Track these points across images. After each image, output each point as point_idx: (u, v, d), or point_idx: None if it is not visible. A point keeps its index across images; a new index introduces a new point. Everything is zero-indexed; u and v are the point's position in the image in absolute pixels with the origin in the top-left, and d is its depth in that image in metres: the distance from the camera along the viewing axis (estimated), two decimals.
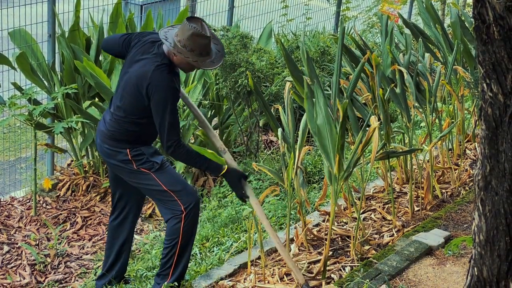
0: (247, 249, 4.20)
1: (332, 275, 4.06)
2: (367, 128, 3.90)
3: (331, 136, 3.79)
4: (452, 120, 5.54)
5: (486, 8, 2.47)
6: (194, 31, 3.86)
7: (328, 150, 3.82)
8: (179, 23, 4.20)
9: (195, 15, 8.64)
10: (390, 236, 4.60)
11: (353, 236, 4.29)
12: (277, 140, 5.02)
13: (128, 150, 4.07)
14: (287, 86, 4.36)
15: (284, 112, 4.25)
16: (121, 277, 4.52)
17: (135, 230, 5.79)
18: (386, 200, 5.10)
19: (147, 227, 5.87)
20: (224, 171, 4.08)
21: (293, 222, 4.81)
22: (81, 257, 5.52)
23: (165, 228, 4.52)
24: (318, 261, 4.20)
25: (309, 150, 6.78)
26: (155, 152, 4.15)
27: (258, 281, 4.02)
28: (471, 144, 6.15)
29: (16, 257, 5.48)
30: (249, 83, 5.70)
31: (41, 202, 6.19)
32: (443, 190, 5.25)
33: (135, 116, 4.04)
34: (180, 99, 4.17)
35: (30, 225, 5.90)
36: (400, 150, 4.68)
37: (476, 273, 2.82)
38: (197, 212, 4.14)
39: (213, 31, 4.02)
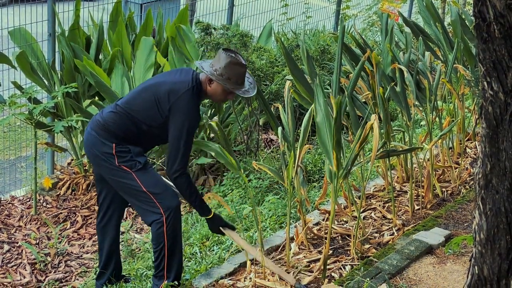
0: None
1: (333, 274, 4.06)
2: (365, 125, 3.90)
3: (330, 133, 3.79)
4: (453, 119, 5.54)
5: (487, 6, 2.46)
6: (232, 60, 3.96)
7: (328, 147, 3.82)
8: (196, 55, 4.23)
9: (195, 16, 8.64)
10: (390, 235, 4.60)
11: (353, 235, 4.28)
12: (277, 138, 5.02)
13: (114, 144, 4.04)
14: (287, 85, 4.35)
15: (284, 110, 4.25)
16: (119, 275, 4.51)
17: (135, 229, 5.79)
18: (386, 199, 5.10)
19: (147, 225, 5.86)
20: (209, 217, 4.10)
21: (293, 221, 4.80)
22: (81, 256, 5.52)
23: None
24: (318, 259, 4.20)
25: (309, 149, 6.79)
26: (139, 152, 4.11)
27: (258, 280, 4.02)
28: (471, 143, 6.14)
29: (16, 256, 5.48)
30: None
31: (41, 201, 6.18)
32: (444, 189, 5.25)
33: (140, 118, 4.04)
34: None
35: (31, 224, 5.90)
36: (400, 149, 4.68)
37: (477, 272, 2.82)
38: (178, 215, 4.10)
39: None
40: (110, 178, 4.15)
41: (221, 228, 4.15)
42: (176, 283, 4.12)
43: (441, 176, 5.44)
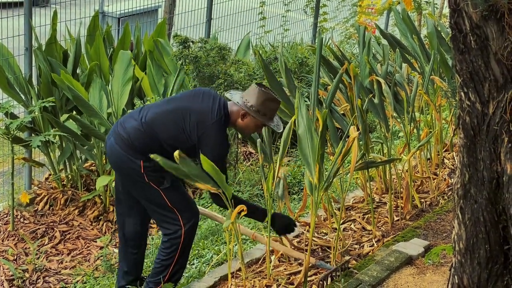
0: (227, 261, 4.19)
1: (313, 286, 4.05)
2: (347, 139, 3.91)
3: (311, 145, 3.79)
4: (430, 130, 5.57)
5: (463, 17, 2.49)
6: (269, 97, 4.02)
7: (309, 159, 3.82)
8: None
9: (172, 29, 8.64)
10: (370, 246, 4.61)
11: (334, 247, 4.29)
12: (256, 152, 5.02)
13: (142, 161, 4.02)
14: None
15: None
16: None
17: (114, 243, 5.75)
18: (365, 210, 5.11)
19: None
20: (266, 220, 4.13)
21: (273, 233, 4.79)
22: (59, 271, 5.47)
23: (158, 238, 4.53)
24: (299, 272, 4.20)
25: (288, 161, 6.79)
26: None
27: None
28: (449, 154, 6.19)
29: None
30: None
31: (18, 216, 6.12)
32: (422, 200, 5.27)
33: (165, 139, 4.01)
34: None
35: (8, 240, 5.84)
36: (379, 160, 4.70)
37: (457, 281, 2.83)
38: (194, 231, 4.20)
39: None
40: (137, 192, 4.17)
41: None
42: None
43: (420, 187, 5.46)
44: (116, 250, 5.57)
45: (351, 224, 4.94)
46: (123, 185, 4.27)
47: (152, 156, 3.82)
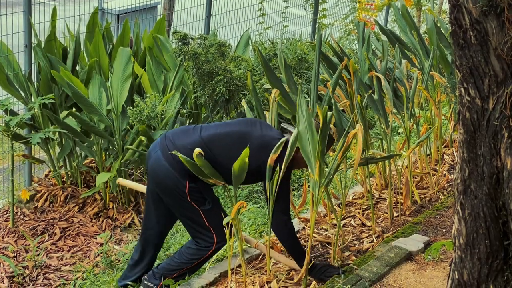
0: (227, 258, 4.19)
1: (313, 282, 4.06)
2: (347, 135, 3.91)
3: (312, 142, 3.79)
4: (430, 126, 5.57)
5: (463, 13, 2.49)
6: (329, 137, 3.96)
7: (310, 156, 3.82)
8: None
9: (172, 26, 8.63)
10: (370, 242, 4.61)
11: (334, 243, 4.29)
12: None
13: (187, 182, 4.00)
14: (273, 95, 4.36)
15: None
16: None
17: (114, 240, 5.76)
18: (365, 206, 5.12)
19: (126, 237, 5.83)
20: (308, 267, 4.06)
21: (273, 236, 4.80)
22: (60, 268, 5.47)
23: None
24: None
25: None
26: (209, 189, 4.12)
27: None
28: (448, 149, 6.19)
29: None
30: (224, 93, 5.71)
31: (18, 213, 6.12)
32: (422, 196, 5.28)
33: (221, 162, 3.97)
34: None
35: (8, 237, 5.84)
36: (379, 156, 4.70)
37: (457, 277, 2.83)
38: (223, 246, 4.24)
39: None
40: (174, 207, 4.17)
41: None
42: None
43: (419, 183, 5.47)
44: (116, 247, 5.58)
45: (350, 220, 4.94)
46: (158, 196, 4.23)
47: (174, 152, 3.84)
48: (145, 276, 4.33)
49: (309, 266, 4.02)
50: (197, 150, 3.81)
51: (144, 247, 4.42)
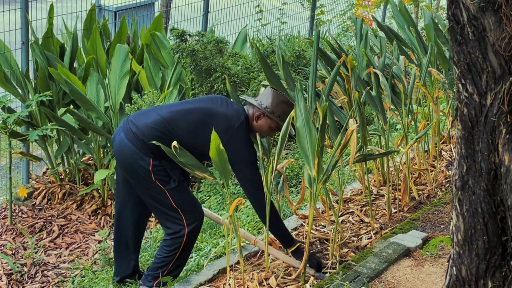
0: (225, 254, 4.19)
1: (311, 278, 4.06)
2: (345, 132, 3.91)
3: (310, 138, 3.79)
4: (428, 122, 5.57)
5: (460, 9, 2.49)
6: (283, 99, 4.10)
7: (308, 152, 3.82)
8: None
9: (169, 22, 8.62)
10: (368, 239, 4.61)
11: (332, 239, 4.29)
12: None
13: (151, 159, 4.01)
14: None
15: None
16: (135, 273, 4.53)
17: (113, 237, 5.76)
18: (363, 203, 5.12)
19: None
20: (293, 248, 4.13)
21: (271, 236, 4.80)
22: (58, 265, 5.47)
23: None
24: None
25: (286, 154, 6.79)
26: (174, 168, 4.08)
27: (238, 286, 4.01)
28: (446, 146, 6.19)
29: None
30: (227, 87, 5.70)
31: (16, 211, 6.12)
32: (420, 192, 5.28)
33: (184, 141, 3.95)
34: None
35: (6, 234, 5.84)
36: (377, 153, 4.70)
37: (455, 273, 2.83)
38: (198, 230, 4.24)
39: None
40: (140, 189, 4.15)
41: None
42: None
43: (418, 179, 5.47)
44: (109, 243, 5.58)
45: (349, 216, 4.95)
46: (127, 181, 4.25)
47: (154, 142, 3.83)
48: (140, 281, 4.34)
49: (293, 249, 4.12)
50: (174, 143, 3.76)
51: (121, 236, 4.41)
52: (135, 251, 4.47)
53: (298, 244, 4.13)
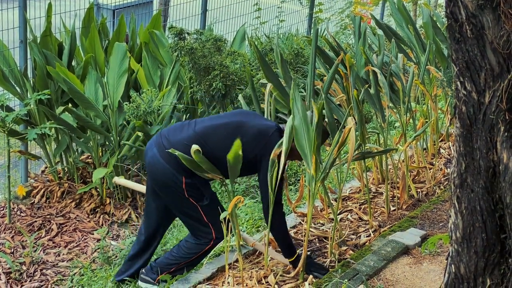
0: (224, 253, 4.19)
1: (310, 276, 4.06)
2: (343, 129, 3.91)
3: (308, 136, 3.79)
4: (426, 120, 5.58)
5: (459, 7, 2.49)
6: (324, 129, 4.01)
7: (305, 150, 3.82)
8: None
9: (168, 21, 8.62)
10: (367, 236, 4.61)
11: (331, 237, 4.29)
12: None
13: (184, 177, 4.01)
14: (268, 89, 4.36)
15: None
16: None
17: (111, 236, 5.76)
18: (362, 201, 5.12)
19: (123, 232, 5.83)
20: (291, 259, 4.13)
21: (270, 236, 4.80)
22: (57, 264, 5.47)
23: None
24: None
25: None
26: (206, 184, 4.13)
27: (236, 284, 4.01)
28: (445, 143, 6.19)
29: None
30: (221, 87, 5.70)
31: (15, 209, 6.12)
32: (419, 190, 5.28)
33: (215, 153, 3.96)
34: None
35: (5, 233, 5.83)
36: (375, 151, 4.70)
37: (454, 270, 2.84)
38: (221, 241, 4.26)
39: None
40: (172, 203, 4.19)
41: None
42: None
43: (416, 177, 5.47)
44: (113, 243, 5.58)
45: (347, 214, 4.95)
46: (155, 192, 4.25)
47: (170, 150, 3.84)
48: (143, 270, 4.34)
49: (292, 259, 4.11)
50: (195, 147, 3.82)
51: (143, 242, 4.42)
52: (150, 254, 4.50)
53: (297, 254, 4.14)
